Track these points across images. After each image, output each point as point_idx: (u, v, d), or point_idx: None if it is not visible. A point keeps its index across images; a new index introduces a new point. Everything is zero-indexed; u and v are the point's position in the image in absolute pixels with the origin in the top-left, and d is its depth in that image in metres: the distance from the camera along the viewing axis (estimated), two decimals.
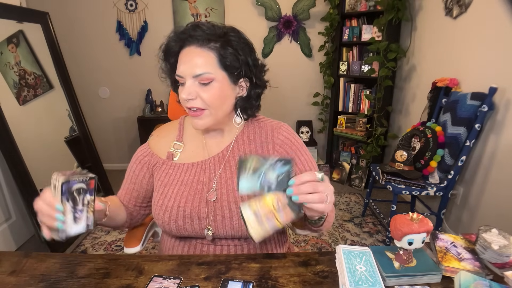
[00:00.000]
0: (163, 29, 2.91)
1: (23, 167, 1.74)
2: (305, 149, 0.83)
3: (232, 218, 0.75)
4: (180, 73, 0.72)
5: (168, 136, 0.85)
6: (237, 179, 0.59)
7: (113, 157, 3.30)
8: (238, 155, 0.80)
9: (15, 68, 1.91)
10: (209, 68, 0.70)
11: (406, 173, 1.80)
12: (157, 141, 0.86)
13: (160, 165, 0.82)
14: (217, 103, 0.73)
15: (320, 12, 2.90)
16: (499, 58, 1.55)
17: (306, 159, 0.82)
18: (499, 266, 0.65)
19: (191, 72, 0.70)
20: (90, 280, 0.66)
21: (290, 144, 0.81)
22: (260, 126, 0.84)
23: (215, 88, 0.72)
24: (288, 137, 0.82)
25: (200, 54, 0.70)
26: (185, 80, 0.72)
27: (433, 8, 2.13)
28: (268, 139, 0.81)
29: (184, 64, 0.71)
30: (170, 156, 0.82)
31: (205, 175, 0.79)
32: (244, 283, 0.63)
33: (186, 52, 0.72)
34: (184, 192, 0.77)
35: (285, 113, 3.18)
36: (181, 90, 0.73)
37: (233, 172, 0.79)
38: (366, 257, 0.66)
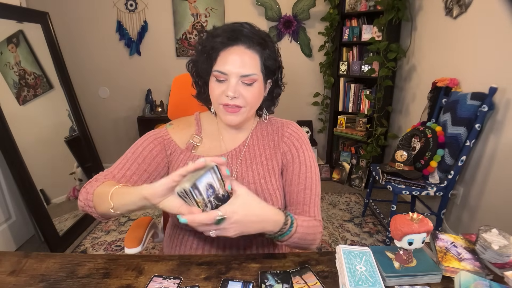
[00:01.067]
0: (163, 29, 2.91)
1: (23, 167, 1.74)
2: (310, 147, 0.86)
3: None
4: (225, 70, 0.72)
5: (188, 129, 0.87)
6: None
7: (113, 157, 3.29)
8: (253, 150, 0.84)
9: (15, 68, 1.91)
10: (255, 69, 0.73)
11: (406, 173, 1.80)
12: (177, 131, 0.85)
13: (178, 154, 0.82)
14: (255, 102, 0.77)
15: (320, 12, 2.90)
16: (499, 58, 1.55)
17: (309, 155, 0.84)
18: (499, 266, 0.65)
19: (239, 71, 0.72)
20: (90, 280, 0.66)
21: (297, 137, 0.84)
22: (271, 123, 0.88)
23: (256, 88, 0.75)
24: (296, 132, 0.85)
25: (249, 55, 0.72)
26: (228, 78, 0.72)
27: (433, 8, 2.13)
28: (279, 133, 0.85)
29: (231, 63, 0.71)
30: (190, 147, 0.83)
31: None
32: (244, 283, 0.63)
33: (233, 51, 0.72)
34: None
35: (285, 113, 3.18)
36: (218, 87, 0.74)
37: (248, 165, 0.82)
38: (366, 257, 0.66)
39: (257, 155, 0.83)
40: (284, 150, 0.83)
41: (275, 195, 0.80)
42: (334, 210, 2.41)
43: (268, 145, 0.84)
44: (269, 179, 0.81)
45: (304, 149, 0.83)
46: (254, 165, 0.82)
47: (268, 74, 0.77)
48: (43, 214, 1.81)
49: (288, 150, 0.83)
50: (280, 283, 0.63)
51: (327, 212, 2.37)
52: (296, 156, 0.82)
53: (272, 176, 0.81)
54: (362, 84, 2.78)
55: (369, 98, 2.60)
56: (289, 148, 0.83)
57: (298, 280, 0.64)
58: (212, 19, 2.90)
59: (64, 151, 2.17)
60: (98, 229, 2.16)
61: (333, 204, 2.50)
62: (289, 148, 0.83)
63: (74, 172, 2.21)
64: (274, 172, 0.82)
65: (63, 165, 2.16)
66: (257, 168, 0.81)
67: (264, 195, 0.78)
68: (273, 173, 0.82)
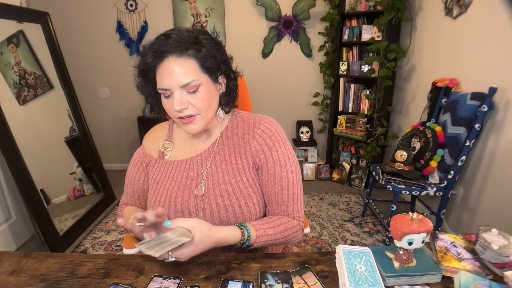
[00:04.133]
0: (163, 29, 2.88)
1: (23, 167, 1.74)
2: (284, 142, 0.82)
3: (220, 211, 0.78)
4: (165, 86, 0.71)
5: (159, 136, 0.90)
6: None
7: (113, 157, 3.29)
8: (223, 150, 0.83)
9: (15, 68, 1.91)
10: (194, 75, 0.71)
11: (406, 173, 1.80)
12: (149, 142, 0.90)
13: (153, 163, 0.87)
14: (207, 106, 0.75)
15: (320, 12, 2.90)
16: (499, 58, 1.55)
17: (283, 153, 0.80)
18: (499, 266, 0.65)
19: (178, 83, 0.70)
20: (90, 280, 0.66)
21: (269, 134, 0.80)
22: (243, 120, 0.85)
23: (203, 93, 0.73)
24: (269, 127, 0.81)
25: (182, 63, 0.70)
26: (172, 92, 0.72)
27: (433, 8, 2.13)
28: (250, 130, 0.82)
29: (168, 77, 0.71)
30: (161, 155, 0.86)
31: (194, 171, 0.82)
32: (244, 283, 0.63)
33: (166, 64, 0.71)
34: (174, 187, 0.81)
35: (285, 113, 3.18)
36: (168, 102, 0.74)
37: (217, 166, 0.81)
38: (366, 257, 0.66)
39: (227, 155, 0.82)
40: (256, 148, 0.80)
41: (248, 193, 0.79)
42: (334, 210, 2.41)
43: (238, 144, 0.82)
44: (239, 178, 0.79)
45: (278, 147, 0.80)
46: (224, 166, 0.81)
47: (213, 72, 0.75)
48: (43, 214, 1.81)
49: (260, 149, 0.80)
50: (280, 283, 0.63)
51: (327, 212, 2.37)
52: (269, 156, 0.79)
53: (242, 174, 0.80)
54: (362, 84, 2.78)
55: (369, 98, 2.60)
56: (261, 147, 0.80)
57: (298, 280, 0.64)
58: (212, 19, 2.90)
59: (64, 151, 2.17)
60: (98, 229, 2.16)
61: (333, 204, 2.50)
62: (261, 147, 0.80)
63: (74, 172, 2.21)
64: (244, 171, 0.80)
65: (63, 165, 2.16)
66: (227, 168, 0.81)
67: (236, 195, 0.78)
68: (243, 172, 0.80)
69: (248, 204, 0.78)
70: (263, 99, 3.10)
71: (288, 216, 0.80)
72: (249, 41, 2.96)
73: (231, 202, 0.77)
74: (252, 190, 0.80)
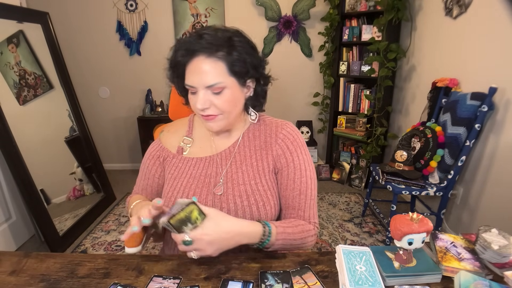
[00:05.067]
0: (163, 29, 2.91)
1: (23, 167, 1.74)
2: (305, 149, 0.84)
3: (237, 211, 0.77)
4: (191, 83, 0.72)
5: (178, 132, 0.89)
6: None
7: (113, 157, 3.29)
8: (244, 151, 0.83)
9: (15, 68, 1.91)
10: (220, 77, 0.71)
11: (406, 173, 1.80)
12: (168, 136, 0.89)
13: (171, 158, 0.86)
14: (230, 108, 0.75)
15: (320, 12, 2.90)
16: (499, 58, 1.55)
17: (304, 159, 0.82)
18: (499, 266, 0.65)
19: (203, 83, 0.71)
20: (90, 280, 0.66)
21: (292, 140, 0.82)
22: (265, 124, 0.86)
23: (227, 95, 0.73)
24: (291, 133, 0.83)
25: (210, 64, 0.70)
26: (197, 90, 0.72)
27: (433, 8, 2.13)
28: (272, 134, 0.83)
29: (195, 76, 0.71)
30: (180, 150, 0.86)
31: (212, 170, 0.82)
32: (244, 283, 0.63)
33: (195, 63, 0.71)
34: (192, 185, 0.81)
35: (285, 113, 3.18)
36: (193, 98, 0.75)
37: (237, 167, 0.81)
38: (366, 257, 0.66)
39: (247, 157, 0.82)
40: (277, 152, 0.82)
41: (266, 196, 0.79)
42: (334, 210, 2.41)
43: (259, 146, 0.83)
44: (259, 180, 0.80)
45: (299, 152, 0.82)
46: (244, 167, 0.81)
47: (241, 76, 0.74)
48: (43, 214, 1.81)
49: (282, 153, 0.81)
50: (280, 283, 0.63)
51: (327, 212, 2.37)
52: (291, 161, 0.81)
53: (262, 177, 0.81)
54: (362, 84, 2.78)
55: (369, 98, 2.60)
56: (282, 151, 0.81)
57: (298, 280, 0.64)
58: (212, 19, 2.90)
59: (64, 151, 2.18)
60: (98, 229, 2.16)
61: (333, 204, 2.50)
62: (282, 151, 0.81)
63: (74, 172, 2.21)
64: (264, 173, 0.81)
65: (63, 165, 2.16)
66: (247, 169, 0.81)
67: (255, 196, 0.78)
68: (263, 174, 0.81)
69: (265, 207, 0.78)
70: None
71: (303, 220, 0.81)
72: None
73: (249, 203, 0.77)
74: (270, 193, 0.80)
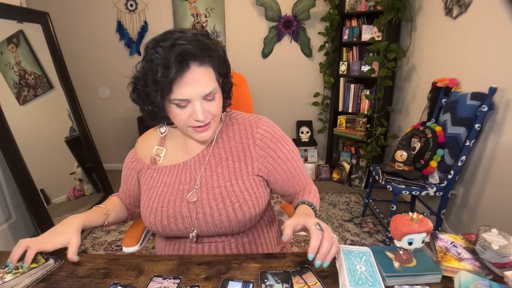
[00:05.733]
0: (163, 29, 2.89)
1: (23, 167, 1.74)
2: (286, 139, 0.84)
3: (213, 214, 0.76)
4: (185, 96, 0.67)
5: (150, 142, 0.87)
6: None
7: (113, 157, 3.29)
8: (218, 153, 0.82)
9: (15, 68, 1.91)
10: (213, 83, 0.70)
11: (406, 173, 1.80)
12: (141, 147, 0.88)
13: (146, 170, 0.85)
14: (219, 111, 0.74)
15: (320, 12, 2.90)
16: (499, 58, 1.55)
17: (288, 149, 0.83)
18: (499, 266, 0.65)
19: (200, 93, 0.68)
20: (90, 280, 0.66)
21: (270, 137, 0.81)
22: (238, 122, 0.84)
23: (218, 99, 0.72)
24: (268, 130, 0.81)
25: (202, 72, 0.68)
26: (189, 102, 0.69)
27: (433, 8, 2.13)
28: (248, 134, 0.81)
29: (188, 87, 0.66)
30: (153, 161, 0.84)
31: (186, 175, 0.81)
32: (244, 283, 0.63)
33: (189, 75, 0.66)
34: (167, 193, 0.80)
35: (285, 113, 3.18)
36: (182, 112, 0.69)
37: (212, 170, 0.80)
38: (366, 257, 0.66)
39: (223, 159, 0.80)
40: (259, 154, 0.80)
41: (243, 197, 0.77)
42: (334, 210, 2.41)
43: (236, 148, 0.81)
44: (235, 182, 0.78)
45: (281, 146, 0.81)
46: (220, 169, 0.80)
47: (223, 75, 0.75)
48: (43, 214, 1.81)
49: (265, 154, 0.80)
50: (280, 283, 0.63)
51: (327, 212, 2.37)
52: (277, 157, 0.81)
53: (239, 178, 0.79)
54: (362, 84, 2.78)
55: (369, 98, 2.60)
56: (265, 152, 0.80)
57: (298, 280, 0.64)
58: (212, 19, 2.90)
59: (64, 151, 2.17)
60: (98, 229, 2.16)
61: (333, 204, 2.50)
62: (265, 152, 0.80)
63: (74, 172, 2.21)
64: (242, 174, 0.79)
65: (63, 165, 2.16)
66: (223, 171, 0.79)
67: (230, 198, 0.76)
68: (240, 175, 0.79)
69: (242, 208, 0.76)
70: (263, 99, 3.10)
71: (307, 187, 0.88)
72: (249, 41, 2.96)
73: (224, 205, 0.76)
74: (248, 193, 0.78)
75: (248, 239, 0.84)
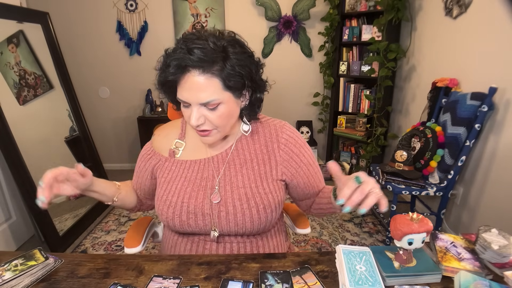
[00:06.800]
0: (163, 29, 2.91)
1: (23, 167, 1.74)
2: (307, 146, 0.86)
3: (236, 214, 0.76)
4: (184, 99, 0.69)
5: (170, 135, 0.87)
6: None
7: (113, 157, 3.30)
8: (243, 154, 0.82)
9: (15, 68, 1.91)
10: (215, 94, 0.67)
11: (406, 173, 1.80)
12: (159, 140, 0.88)
13: (163, 162, 0.84)
14: (224, 122, 0.73)
15: (320, 12, 2.90)
16: (499, 58, 1.55)
17: (310, 154, 0.85)
18: (499, 266, 0.65)
19: (197, 100, 0.68)
20: (90, 280, 0.66)
21: (294, 143, 0.83)
22: (263, 125, 0.85)
23: (222, 110, 0.70)
24: (292, 136, 0.83)
25: (204, 81, 0.66)
26: (190, 105, 0.69)
27: (433, 8, 2.13)
28: (273, 138, 0.82)
29: (188, 92, 0.67)
30: (172, 154, 0.84)
31: (209, 172, 0.81)
32: (244, 283, 0.63)
33: (188, 78, 0.66)
34: (187, 188, 0.79)
35: (285, 113, 3.18)
36: (186, 111, 0.71)
37: (237, 170, 0.80)
38: (366, 257, 0.66)
39: (248, 160, 0.81)
40: (283, 158, 0.81)
41: (267, 199, 0.77)
42: None
43: (261, 150, 0.82)
44: (260, 183, 0.79)
45: (303, 151, 0.84)
46: (245, 170, 0.80)
47: (237, 89, 0.70)
48: (43, 214, 1.81)
49: (289, 158, 0.82)
50: (280, 283, 0.63)
51: None
52: (300, 161, 0.83)
53: (264, 180, 0.80)
54: (362, 84, 2.78)
55: (369, 98, 2.60)
56: (289, 156, 0.82)
57: (298, 280, 0.64)
58: (212, 19, 2.90)
59: (64, 151, 2.17)
60: (98, 229, 2.16)
61: None
62: (289, 156, 0.82)
63: None
64: (267, 177, 0.80)
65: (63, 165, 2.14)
66: (247, 172, 0.80)
67: (255, 199, 0.77)
68: (265, 178, 0.80)
69: (266, 210, 0.77)
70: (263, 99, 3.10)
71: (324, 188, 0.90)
72: (249, 41, 2.91)
73: (249, 206, 0.76)
74: (271, 196, 0.79)
75: (262, 242, 0.84)
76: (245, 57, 0.70)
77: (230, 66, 0.67)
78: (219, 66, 0.66)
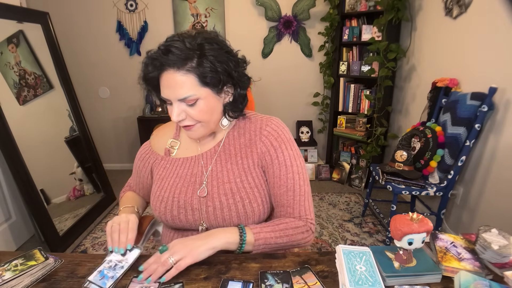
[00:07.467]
0: (163, 29, 2.91)
1: (23, 167, 1.74)
2: (291, 144, 0.81)
3: (223, 209, 0.78)
4: (166, 96, 0.73)
5: (166, 135, 0.91)
6: None
7: (113, 157, 3.29)
8: (229, 149, 0.83)
9: (15, 68, 1.91)
10: (192, 90, 0.70)
11: (406, 173, 1.80)
12: (156, 140, 0.92)
13: (159, 161, 0.88)
14: (206, 117, 0.75)
15: (320, 12, 2.90)
16: (499, 58, 1.55)
17: (289, 154, 0.80)
18: (499, 266, 0.65)
19: (175, 96, 0.71)
20: None
21: (275, 136, 0.80)
22: (250, 121, 0.85)
23: (201, 105, 0.73)
24: (276, 129, 0.81)
25: (180, 77, 0.70)
26: (171, 102, 0.73)
27: (433, 8, 2.13)
28: (257, 131, 0.82)
29: (167, 89, 0.72)
30: (167, 152, 0.88)
31: (198, 169, 0.83)
32: (244, 283, 0.63)
33: (165, 77, 0.71)
34: (178, 184, 0.82)
35: (285, 113, 3.18)
36: (170, 109, 0.75)
37: (223, 165, 0.82)
38: (366, 257, 0.66)
39: (232, 155, 0.82)
40: (261, 150, 0.80)
41: (252, 193, 0.78)
42: (334, 210, 2.41)
43: (244, 144, 0.82)
44: (245, 178, 0.80)
45: (284, 148, 0.80)
46: (229, 165, 0.81)
47: (215, 85, 0.72)
48: (43, 214, 1.81)
49: (266, 150, 0.80)
50: (280, 283, 0.63)
51: (327, 212, 2.37)
52: (275, 157, 0.79)
53: (248, 174, 0.80)
54: (362, 84, 2.78)
55: (369, 98, 2.60)
56: (267, 149, 0.80)
57: (298, 280, 0.64)
58: (212, 19, 2.90)
59: (64, 151, 2.17)
60: (98, 229, 2.16)
61: (333, 204, 2.50)
62: (267, 149, 0.80)
63: (74, 172, 2.21)
64: (250, 171, 0.80)
65: (63, 165, 2.16)
66: (232, 167, 0.81)
67: (240, 194, 0.78)
68: (249, 172, 0.80)
69: (252, 204, 0.78)
70: (263, 99, 3.10)
71: (293, 218, 0.79)
72: (249, 41, 2.96)
73: (234, 201, 0.77)
74: (257, 190, 0.80)
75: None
76: (221, 53, 0.72)
77: (206, 62, 0.69)
78: (194, 63, 0.69)
